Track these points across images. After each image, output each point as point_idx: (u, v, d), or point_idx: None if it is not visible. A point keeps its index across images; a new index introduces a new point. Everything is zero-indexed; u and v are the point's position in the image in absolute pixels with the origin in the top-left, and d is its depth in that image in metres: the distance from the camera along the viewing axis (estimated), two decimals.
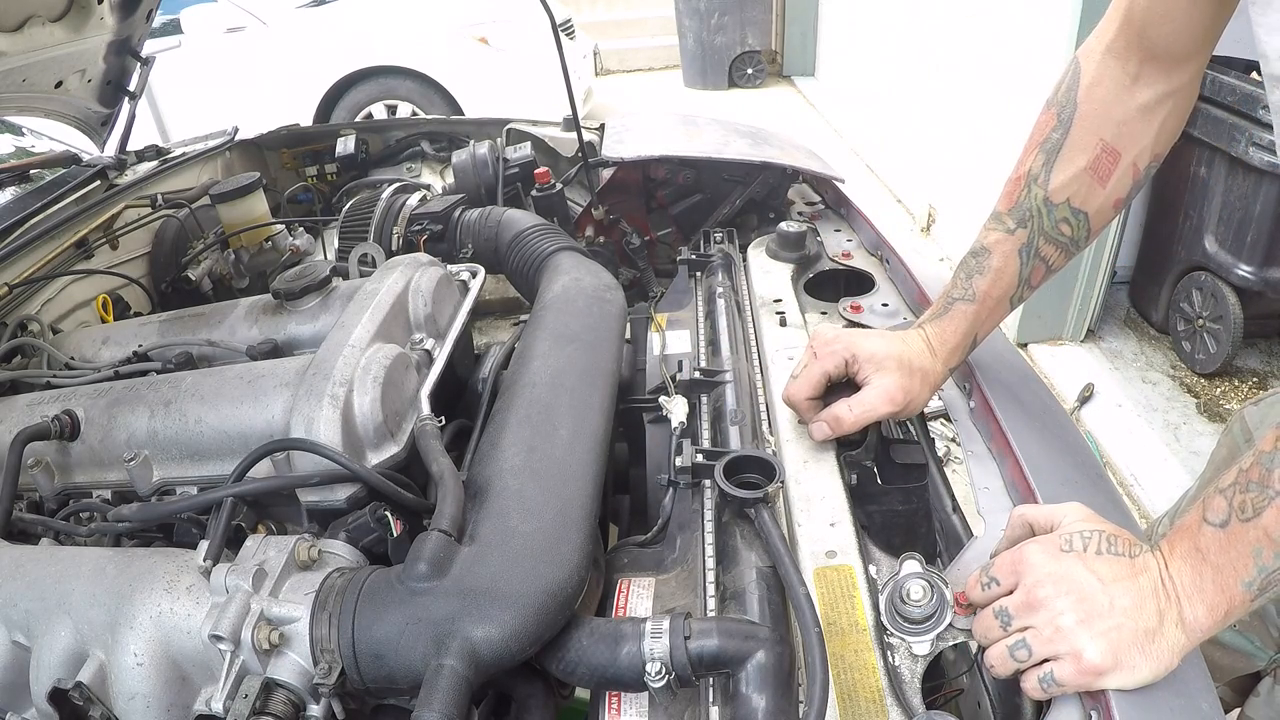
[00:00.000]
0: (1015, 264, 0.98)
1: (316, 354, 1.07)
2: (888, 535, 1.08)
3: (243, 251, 1.76)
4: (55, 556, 0.93)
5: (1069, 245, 0.99)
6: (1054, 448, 0.97)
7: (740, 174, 1.92)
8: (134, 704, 0.79)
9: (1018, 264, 0.98)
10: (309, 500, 0.98)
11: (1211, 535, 0.67)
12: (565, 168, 2.11)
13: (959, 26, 4.12)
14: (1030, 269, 0.99)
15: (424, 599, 0.77)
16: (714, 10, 7.63)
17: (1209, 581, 0.67)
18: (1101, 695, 0.68)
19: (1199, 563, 0.68)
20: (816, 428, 1.03)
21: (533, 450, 0.96)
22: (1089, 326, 3.36)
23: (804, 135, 3.36)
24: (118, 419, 1.12)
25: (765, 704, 0.71)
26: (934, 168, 4.52)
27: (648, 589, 0.89)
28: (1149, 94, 0.90)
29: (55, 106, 2.11)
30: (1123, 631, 0.67)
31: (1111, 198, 0.95)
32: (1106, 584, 0.69)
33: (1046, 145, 0.95)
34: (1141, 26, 0.88)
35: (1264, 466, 0.65)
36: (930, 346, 1.02)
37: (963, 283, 1.01)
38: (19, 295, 1.58)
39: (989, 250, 0.99)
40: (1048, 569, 0.71)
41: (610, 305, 1.34)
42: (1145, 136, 0.93)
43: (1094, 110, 0.92)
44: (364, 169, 2.37)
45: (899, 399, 0.98)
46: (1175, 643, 0.68)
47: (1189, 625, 0.68)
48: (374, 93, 5.71)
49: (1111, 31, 0.91)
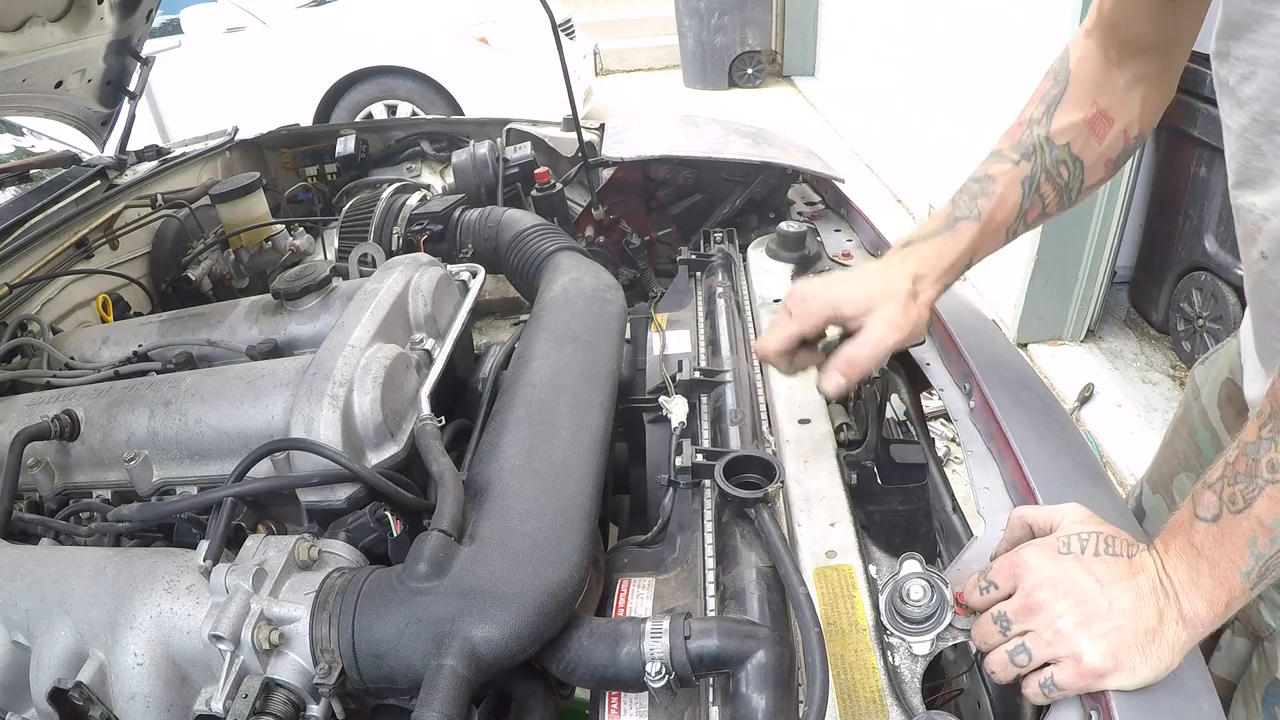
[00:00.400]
0: (1017, 193, 0.98)
1: (316, 354, 1.07)
2: (888, 535, 1.08)
3: (243, 251, 1.76)
4: (55, 556, 0.94)
5: (1064, 191, 0.99)
6: (1054, 448, 0.97)
7: (740, 174, 1.92)
8: (134, 704, 0.79)
9: (1019, 194, 0.98)
10: (309, 500, 0.98)
11: (1204, 531, 0.67)
12: (565, 168, 2.11)
13: (959, 26, 4.12)
14: (1029, 203, 0.99)
15: (424, 599, 0.77)
16: (714, 10, 7.62)
17: (1206, 576, 0.67)
18: (1101, 695, 0.68)
19: (1195, 558, 0.68)
20: (828, 379, 0.94)
21: (533, 450, 0.96)
22: (1089, 326, 3.36)
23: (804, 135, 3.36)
24: (118, 419, 1.12)
25: (765, 704, 0.71)
26: (934, 168, 4.52)
27: (648, 589, 0.90)
28: (1128, 75, 0.96)
29: (55, 106, 2.11)
30: (1122, 633, 0.67)
31: (1105, 156, 0.98)
32: (1105, 585, 0.69)
33: (1046, 99, 0.99)
34: (1111, 23, 0.95)
35: (1250, 457, 0.65)
36: (920, 266, 0.98)
37: (966, 204, 0.99)
38: (19, 295, 1.57)
39: (993, 178, 0.99)
40: (1046, 572, 0.71)
41: (610, 305, 1.34)
42: (1131, 110, 0.97)
43: (1084, 80, 0.97)
44: (364, 169, 2.37)
45: (905, 325, 0.94)
46: (1176, 640, 0.68)
47: (1189, 621, 0.68)
48: (374, 93, 5.71)
49: (1090, 22, 0.98)
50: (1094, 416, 2.98)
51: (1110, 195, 3.04)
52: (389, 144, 2.45)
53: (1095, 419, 2.97)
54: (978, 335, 1.20)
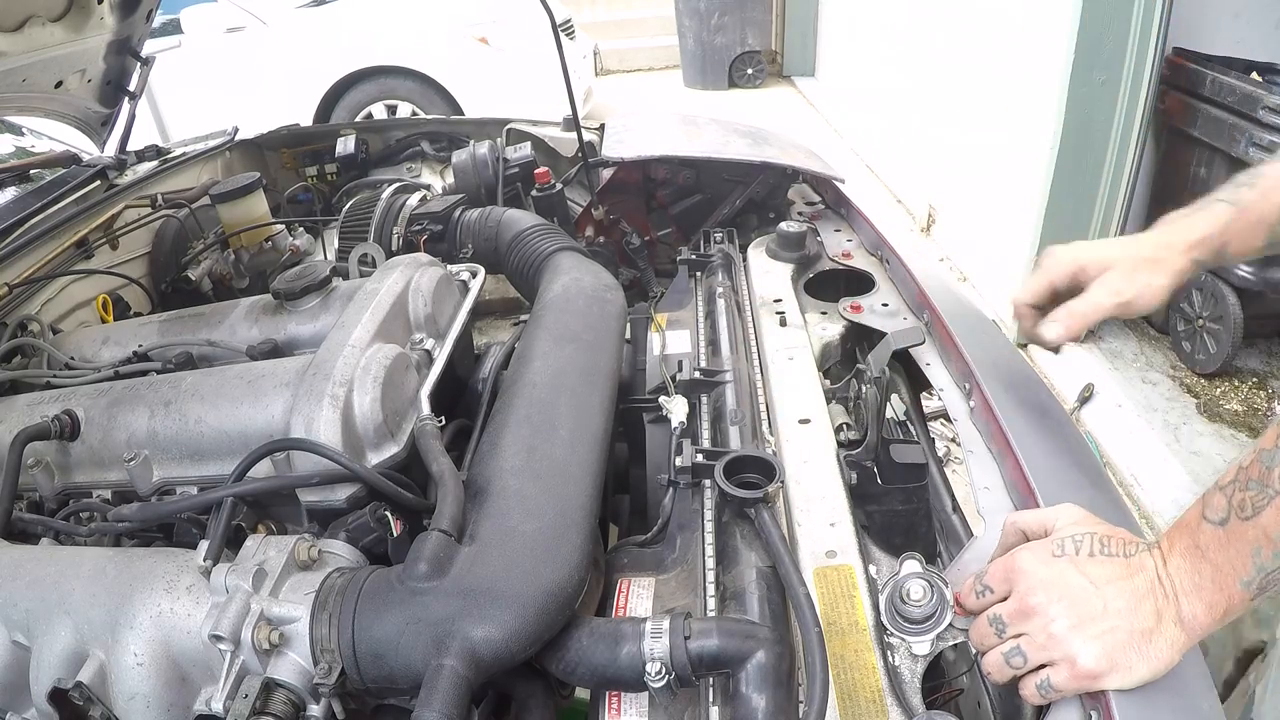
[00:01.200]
0: None
1: (316, 354, 1.07)
2: (888, 535, 1.08)
3: (243, 251, 1.76)
4: (55, 556, 0.93)
5: None
6: (1054, 448, 0.97)
7: (740, 174, 1.92)
8: (134, 704, 0.79)
9: None
10: (309, 500, 0.98)
11: (1211, 533, 0.67)
12: (565, 168, 2.11)
13: (959, 26, 4.12)
14: None
15: (424, 599, 0.77)
16: (714, 10, 7.62)
17: (1208, 580, 0.67)
18: (1101, 695, 0.68)
19: (1198, 560, 0.67)
20: (1049, 328, 1.00)
21: (533, 450, 0.96)
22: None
23: (804, 135, 3.36)
24: (118, 419, 1.12)
25: (765, 704, 0.71)
26: (934, 168, 4.52)
27: (648, 589, 0.90)
28: None
29: (55, 106, 2.11)
30: (1117, 634, 0.67)
31: None
32: (1100, 586, 0.69)
33: None
34: None
35: (1264, 464, 0.65)
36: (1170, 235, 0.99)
37: (1230, 189, 0.99)
38: (19, 295, 1.58)
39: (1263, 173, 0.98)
40: (1040, 575, 0.71)
41: (610, 305, 1.34)
42: None
43: None
44: (364, 169, 2.37)
45: (1126, 292, 0.96)
46: (1174, 640, 0.67)
47: (1188, 623, 0.67)
48: (374, 93, 5.71)
49: None
50: (1094, 416, 2.98)
51: (1110, 195, 3.04)
52: (389, 144, 2.45)
53: (1095, 419, 2.97)
54: (978, 335, 1.20)
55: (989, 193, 3.71)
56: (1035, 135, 3.11)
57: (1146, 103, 2.89)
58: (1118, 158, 2.97)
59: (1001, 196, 3.56)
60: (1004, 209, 3.53)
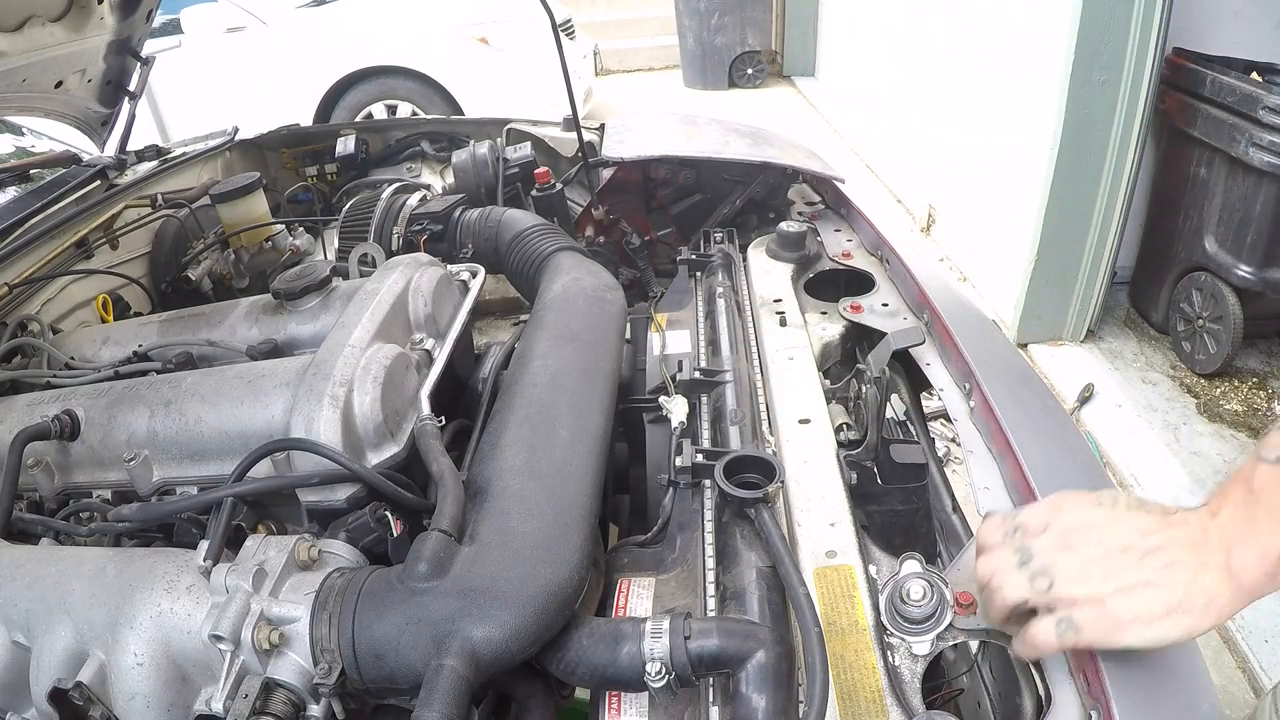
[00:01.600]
0: None
1: (316, 354, 1.07)
2: (888, 535, 1.08)
3: (243, 251, 1.76)
4: (55, 556, 0.93)
5: None
6: (1054, 448, 0.97)
7: (740, 174, 1.92)
8: (134, 704, 0.79)
9: None
10: (309, 500, 0.98)
11: (1268, 473, 0.62)
12: (565, 168, 2.11)
13: (959, 26, 4.12)
14: None
15: (424, 599, 0.77)
16: (714, 10, 7.62)
17: (1262, 524, 0.61)
18: (1102, 696, 0.68)
19: (1251, 504, 0.63)
20: None
21: (533, 450, 0.96)
22: (1089, 327, 3.36)
23: (804, 135, 3.36)
24: (118, 419, 1.12)
25: (765, 704, 0.71)
26: (934, 168, 4.51)
27: (648, 589, 0.90)
28: None
29: (55, 106, 2.11)
30: (1154, 587, 0.64)
31: None
32: (1143, 534, 0.66)
33: None
34: None
35: None
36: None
37: None
38: (19, 295, 1.57)
39: None
40: (1083, 515, 0.69)
41: (610, 305, 1.34)
42: None
43: None
44: (364, 169, 2.37)
45: None
46: (1215, 597, 0.62)
47: (1236, 573, 0.62)
48: (374, 93, 5.71)
49: None
50: (1094, 416, 2.98)
51: (1110, 195, 3.04)
52: (389, 144, 2.45)
53: (1095, 419, 2.97)
54: (978, 335, 1.20)
55: (989, 193, 3.71)
56: (1035, 135, 3.11)
57: (1146, 103, 2.89)
58: (1118, 158, 2.97)
59: (1001, 196, 3.56)
60: (1004, 209, 3.53)
